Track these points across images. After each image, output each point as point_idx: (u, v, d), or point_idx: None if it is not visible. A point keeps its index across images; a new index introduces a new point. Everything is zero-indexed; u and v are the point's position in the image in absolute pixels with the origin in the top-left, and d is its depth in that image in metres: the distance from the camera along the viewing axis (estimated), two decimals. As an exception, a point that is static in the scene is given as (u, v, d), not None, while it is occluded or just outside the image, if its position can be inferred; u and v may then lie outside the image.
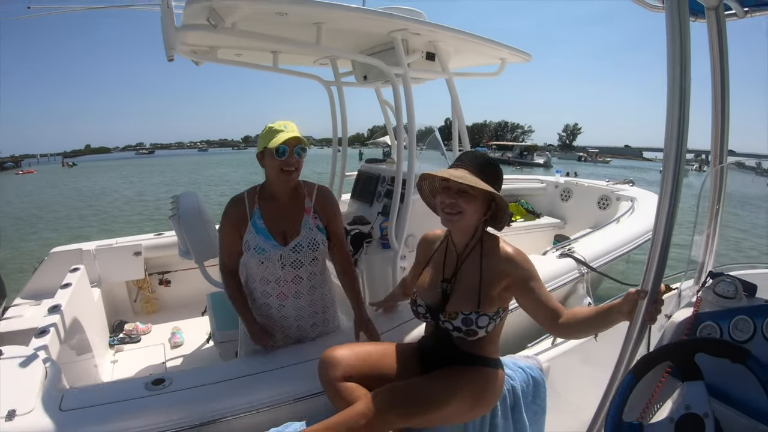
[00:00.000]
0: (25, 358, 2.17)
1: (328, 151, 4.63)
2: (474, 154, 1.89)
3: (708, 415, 1.32)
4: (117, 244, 4.24)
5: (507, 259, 1.80)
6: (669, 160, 1.54)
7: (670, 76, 1.48)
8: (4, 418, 1.78)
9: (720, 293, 1.84)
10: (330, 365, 1.84)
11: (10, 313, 3.28)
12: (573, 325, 1.69)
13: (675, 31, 1.47)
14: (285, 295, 2.29)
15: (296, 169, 2.17)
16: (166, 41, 2.39)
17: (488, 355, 1.91)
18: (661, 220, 1.58)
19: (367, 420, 1.63)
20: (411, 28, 2.81)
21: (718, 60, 2.04)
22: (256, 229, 2.18)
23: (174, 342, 3.88)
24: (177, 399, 1.99)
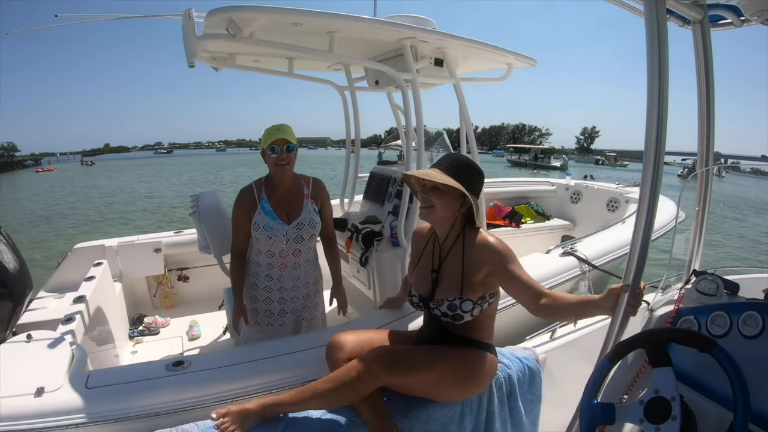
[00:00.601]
0: (52, 341, 2.36)
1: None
2: (451, 156, 2.08)
3: (675, 399, 1.41)
4: (138, 240, 4.40)
5: (485, 247, 1.96)
6: (648, 163, 1.67)
7: (649, 79, 1.62)
8: (33, 395, 1.94)
9: (701, 290, 1.95)
10: (336, 348, 2.06)
11: (34, 305, 3.39)
12: (554, 309, 1.82)
13: (654, 39, 1.60)
14: (285, 266, 2.74)
15: (288, 162, 2.63)
16: (188, 49, 2.51)
17: (480, 339, 2.06)
18: (641, 220, 1.72)
19: (357, 372, 1.83)
20: (419, 36, 2.93)
21: (703, 68, 2.16)
22: (264, 211, 2.63)
23: (191, 334, 4.03)
24: (195, 379, 2.16)
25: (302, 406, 1.88)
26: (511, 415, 2.25)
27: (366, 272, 3.50)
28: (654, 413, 1.44)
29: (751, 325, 1.65)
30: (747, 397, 1.31)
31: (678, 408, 1.40)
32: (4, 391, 1.94)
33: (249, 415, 1.83)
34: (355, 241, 3.57)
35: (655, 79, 1.61)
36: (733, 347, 1.56)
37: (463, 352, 2.01)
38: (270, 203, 2.65)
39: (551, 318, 1.87)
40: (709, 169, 2.27)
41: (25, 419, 1.86)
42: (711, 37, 2.13)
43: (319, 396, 1.86)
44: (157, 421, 1.99)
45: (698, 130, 2.24)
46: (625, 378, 1.85)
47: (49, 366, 2.15)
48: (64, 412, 1.92)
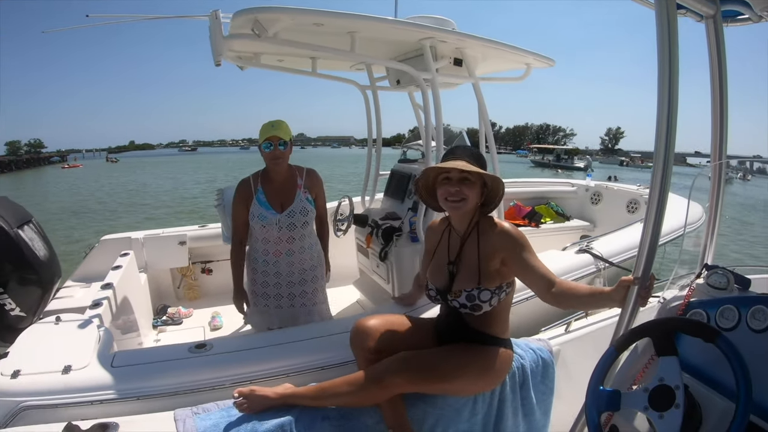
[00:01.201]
0: (81, 323, 2.50)
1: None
2: (464, 147, 2.12)
3: (678, 387, 1.44)
4: (164, 233, 4.53)
5: (500, 234, 2.00)
6: (658, 159, 1.71)
7: (659, 75, 1.65)
8: (61, 371, 2.07)
9: (712, 284, 1.96)
10: (362, 334, 2.10)
11: (61, 294, 3.50)
12: (565, 298, 1.86)
13: (664, 35, 1.63)
14: (280, 252, 2.90)
15: (282, 157, 2.78)
16: (214, 48, 2.60)
17: (497, 335, 2.10)
18: (651, 213, 1.76)
19: (378, 381, 1.87)
20: (438, 36, 2.99)
21: (716, 64, 2.17)
22: (259, 202, 2.81)
23: (213, 325, 4.13)
24: (217, 361, 2.27)
25: (321, 403, 1.94)
26: (523, 404, 2.30)
27: (385, 267, 3.58)
28: (658, 401, 1.46)
29: (760, 319, 1.65)
30: (749, 387, 1.32)
31: (682, 396, 1.43)
32: (34, 368, 2.07)
33: (268, 402, 1.90)
34: (375, 237, 3.64)
35: (666, 74, 1.63)
36: (741, 341, 1.57)
37: (484, 353, 2.05)
38: (265, 194, 2.84)
39: (562, 306, 1.89)
40: (722, 163, 2.27)
41: (52, 394, 1.98)
42: (724, 32, 2.13)
43: (339, 396, 1.91)
44: (179, 399, 2.08)
45: (711, 126, 2.26)
46: (634, 368, 1.88)
47: (77, 346, 2.29)
48: (90, 389, 2.03)
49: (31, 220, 2.96)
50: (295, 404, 1.94)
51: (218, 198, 3.43)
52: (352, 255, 4.50)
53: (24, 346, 2.30)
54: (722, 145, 2.26)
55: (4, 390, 1.95)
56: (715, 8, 2.08)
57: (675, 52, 1.64)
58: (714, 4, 2.08)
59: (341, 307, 4.45)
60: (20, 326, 2.63)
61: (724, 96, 2.20)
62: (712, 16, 2.10)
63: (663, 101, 1.67)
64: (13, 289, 2.65)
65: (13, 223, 2.70)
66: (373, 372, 1.91)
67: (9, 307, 2.64)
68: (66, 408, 1.97)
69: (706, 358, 1.69)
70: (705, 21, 2.13)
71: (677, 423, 1.40)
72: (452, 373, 1.96)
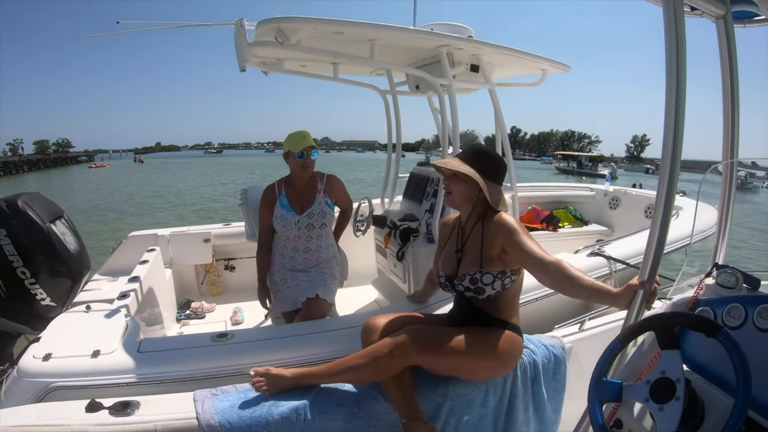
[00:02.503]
0: (109, 312, 2.67)
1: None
2: (472, 146, 2.28)
3: (679, 380, 1.47)
4: (189, 231, 4.68)
5: (498, 223, 2.12)
6: (665, 164, 1.78)
7: (667, 76, 1.71)
8: (90, 356, 2.22)
9: (721, 283, 1.96)
10: (371, 330, 2.22)
11: (89, 287, 3.63)
12: (565, 282, 1.92)
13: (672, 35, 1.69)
14: (296, 249, 3.15)
15: (312, 166, 3.08)
16: (239, 55, 2.71)
17: (506, 319, 2.19)
18: (657, 220, 1.82)
19: (389, 350, 1.96)
20: (454, 44, 3.08)
21: (727, 64, 2.20)
22: (281, 205, 3.08)
23: (235, 320, 4.25)
24: (237, 349, 2.41)
25: (334, 379, 2.04)
26: (534, 399, 2.35)
27: (402, 266, 3.66)
28: (659, 393, 1.50)
29: (766, 318, 1.66)
30: (749, 380, 1.35)
31: (682, 389, 1.46)
32: (64, 352, 2.22)
33: (284, 381, 2.00)
34: (393, 237, 3.73)
35: (673, 76, 1.70)
36: (747, 339, 1.61)
37: (492, 333, 2.13)
38: (287, 198, 3.10)
39: (565, 292, 1.94)
40: (733, 162, 2.31)
41: (81, 376, 2.13)
42: (735, 33, 2.16)
43: (351, 370, 2.00)
44: (200, 384, 2.20)
45: (723, 126, 2.29)
46: (641, 363, 1.93)
47: (106, 333, 2.45)
48: (116, 372, 2.18)
49: (62, 215, 3.10)
50: (311, 384, 2.04)
51: (242, 197, 3.59)
52: (371, 255, 4.59)
53: (55, 332, 2.46)
54: (734, 144, 2.29)
55: (36, 371, 2.10)
56: (725, 8, 2.11)
57: (683, 52, 1.69)
58: (724, 4, 2.11)
59: (359, 306, 4.52)
60: (50, 315, 2.77)
61: (736, 96, 2.23)
62: (722, 17, 2.13)
63: (671, 104, 1.72)
64: (45, 280, 2.77)
65: (45, 218, 2.83)
66: (385, 342, 2.01)
67: (40, 297, 2.76)
68: (93, 389, 2.11)
69: (713, 357, 1.71)
70: (716, 21, 2.16)
71: (677, 415, 1.43)
72: (459, 345, 2.03)
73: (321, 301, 3.02)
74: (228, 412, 1.86)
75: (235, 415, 1.85)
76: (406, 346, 1.96)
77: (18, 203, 2.74)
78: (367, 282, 4.64)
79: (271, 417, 1.87)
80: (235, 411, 1.87)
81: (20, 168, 66.73)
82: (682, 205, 5.08)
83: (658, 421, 1.48)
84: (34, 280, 2.72)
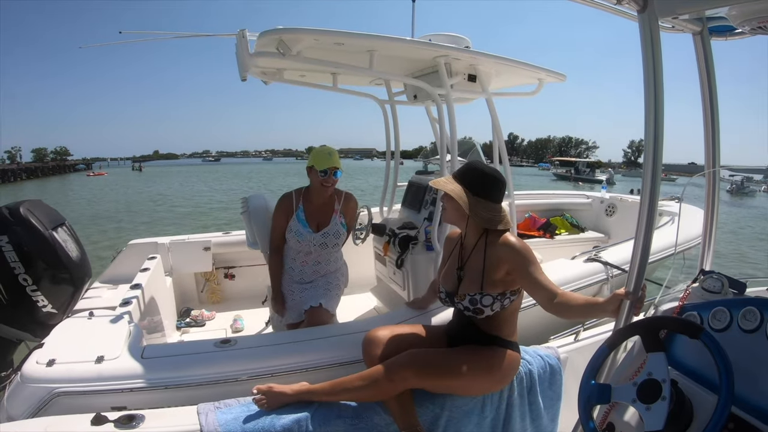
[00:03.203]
0: (112, 318, 2.69)
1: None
2: (467, 164, 2.29)
3: (665, 381, 1.52)
4: (189, 239, 4.69)
5: (505, 246, 2.12)
6: (646, 176, 1.83)
7: (645, 90, 1.77)
8: (94, 361, 2.23)
9: (707, 288, 2.03)
10: (372, 344, 2.26)
11: (89, 294, 3.63)
12: (565, 309, 1.96)
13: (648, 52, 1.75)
14: (307, 263, 3.25)
15: (332, 185, 3.13)
16: (240, 65, 2.73)
17: (503, 336, 2.22)
18: (641, 229, 1.88)
19: (388, 375, 2.00)
20: (452, 54, 3.11)
21: (705, 77, 2.28)
22: (298, 219, 3.13)
23: (235, 327, 4.25)
24: (240, 355, 2.43)
25: (334, 398, 2.07)
26: (531, 409, 2.39)
27: (401, 274, 3.69)
28: (646, 394, 1.55)
29: (750, 319, 1.71)
30: (731, 379, 1.41)
31: (668, 389, 1.51)
32: (68, 358, 2.24)
33: (285, 398, 2.03)
34: (392, 245, 3.74)
35: (651, 89, 1.77)
36: (732, 341, 1.69)
37: (489, 352, 2.17)
38: (305, 213, 3.16)
39: (563, 316, 1.98)
40: (715, 171, 2.38)
41: (86, 382, 2.15)
42: (711, 46, 2.24)
43: (352, 391, 2.05)
44: (204, 390, 2.25)
45: (704, 136, 2.37)
46: (630, 368, 1.97)
47: (109, 338, 2.46)
48: (120, 378, 2.20)
49: (64, 222, 3.13)
50: (311, 400, 2.07)
51: (243, 205, 3.59)
52: (370, 263, 4.60)
53: (59, 337, 2.48)
54: (715, 154, 2.38)
55: (40, 377, 2.12)
56: (701, 25, 2.20)
57: (659, 68, 1.77)
58: (700, 21, 2.19)
59: (359, 313, 4.55)
60: (51, 322, 2.80)
61: (715, 107, 2.32)
62: (698, 33, 2.22)
63: (650, 116, 1.79)
64: (46, 287, 2.79)
65: (48, 225, 2.86)
66: (384, 366, 2.05)
67: (41, 304, 2.78)
68: (97, 395, 2.13)
69: (700, 360, 1.77)
70: (693, 37, 2.24)
71: (663, 414, 1.48)
72: (457, 368, 2.08)
73: (323, 311, 3.05)
74: (231, 425, 1.89)
75: (239, 427, 1.89)
76: (405, 372, 2.02)
77: (20, 210, 2.76)
78: (366, 290, 4.65)
79: (274, 429, 1.91)
80: (239, 423, 1.91)
81: (18, 176, 66.73)
82: (677, 211, 5.10)
83: (645, 420, 1.52)
84: (35, 287, 2.74)
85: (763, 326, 1.68)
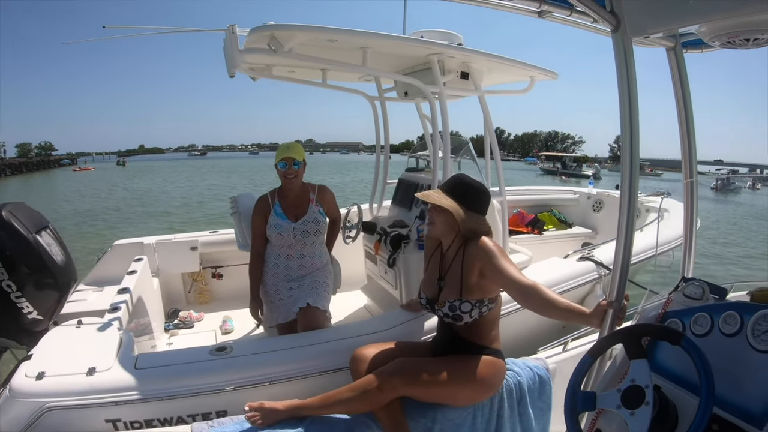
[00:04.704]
0: (101, 326, 2.60)
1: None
2: (455, 177, 2.34)
3: (648, 387, 1.55)
4: (175, 239, 4.62)
5: (477, 248, 2.16)
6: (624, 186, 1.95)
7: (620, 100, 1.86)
8: (86, 373, 2.15)
9: (688, 294, 2.06)
10: (359, 361, 2.28)
11: (74, 297, 3.56)
12: (541, 304, 1.99)
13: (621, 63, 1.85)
14: (291, 256, 3.19)
15: (295, 176, 3.09)
16: (229, 61, 2.67)
17: (486, 344, 2.26)
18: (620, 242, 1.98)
19: (377, 383, 2.02)
20: (446, 52, 3.08)
21: (680, 90, 2.35)
22: (276, 214, 3.12)
23: (224, 329, 4.20)
24: (238, 363, 2.37)
25: (326, 411, 2.07)
26: (521, 420, 2.40)
27: (393, 273, 3.67)
28: (630, 400, 1.58)
29: (731, 323, 1.75)
30: (711, 381, 1.44)
31: (651, 395, 1.54)
32: (58, 370, 2.15)
33: (277, 414, 2.03)
34: (384, 244, 3.72)
35: (626, 101, 1.85)
36: (714, 345, 1.72)
37: (472, 360, 2.20)
38: (281, 207, 3.15)
39: (542, 314, 2.02)
40: (692, 181, 2.44)
41: (78, 395, 2.06)
42: (684, 60, 2.35)
43: (342, 402, 2.05)
44: (201, 400, 2.19)
45: (680, 146, 2.44)
46: (615, 377, 2.00)
47: (100, 348, 2.38)
48: (114, 390, 2.12)
49: (48, 225, 3.02)
50: (304, 415, 2.06)
51: (233, 206, 3.53)
52: (359, 261, 4.58)
53: (47, 348, 2.39)
54: (692, 164, 2.44)
55: (30, 391, 2.03)
56: (674, 41, 2.27)
57: (633, 84, 1.85)
58: (673, 38, 2.26)
59: (349, 312, 4.54)
60: (36, 329, 2.71)
61: (690, 118, 2.38)
62: (672, 48, 2.30)
63: (625, 126, 1.88)
64: (31, 293, 2.69)
65: (31, 229, 2.75)
66: (373, 376, 2.06)
67: (26, 311, 2.67)
68: (90, 409, 2.06)
69: (682, 365, 1.79)
70: (666, 52, 2.33)
71: (647, 419, 1.51)
72: (442, 376, 2.10)
73: (315, 310, 3.01)
74: None
75: None
76: (393, 380, 2.04)
77: (2, 214, 2.66)
78: (356, 288, 4.63)
79: None
80: None
81: (2, 172, 65.38)
82: (666, 207, 5.16)
83: (630, 425, 1.55)
84: (20, 293, 2.64)
85: (743, 330, 1.71)
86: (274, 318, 3.18)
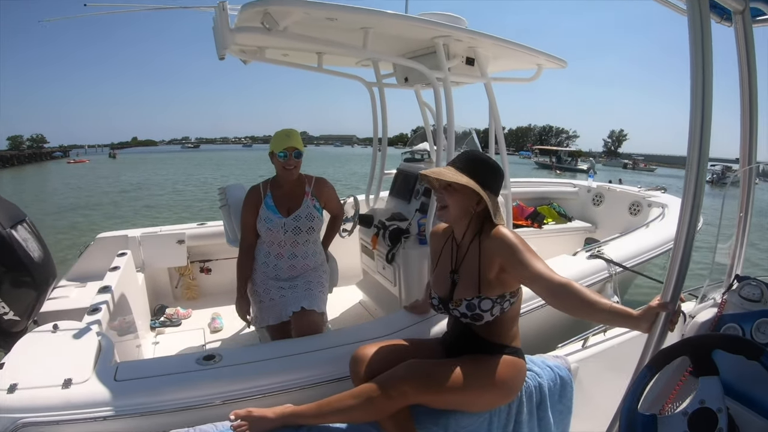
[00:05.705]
0: (79, 331, 2.35)
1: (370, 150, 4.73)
2: (466, 153, 2.06)
3: (722, 410, 1.35)
4: (161, 231, 4.45)
5: (496, 240, 1.92)
6: (691, 172, 1.60)
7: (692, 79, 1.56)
8: (61, 386, 1.91)
9: (745, 296, 1.87)
10: (360, 362, 2.02)
11: (56, 294, 3.42)
12: (575, 305, 1.74)
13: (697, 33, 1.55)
14: (282, 255, 2.95)
15: (295, 167, 2.87)
16: (219, 41, 2.48)
17: (506, 343, 2.03)
18: (682, 233, 1.65)
19: (385, 390, 1.78)
20: (454, 35, 2.90)
21: (745, 63, 2.09)
22: (267, 206, 2.90)
23: (213, 327, 4.03)
24: (228, 373, 2.13)
25: (323, 420, 1.86)
26: (540, 425, 2.19)
27: (392, 269, 3.51)
28: (699, 425, 1.38)
29: None
30: None
31: (725, 420, 1.34)
32: (32, 382, 1.92)
33: (267, 423, 1.83)
34: (382, 238, 3.56)
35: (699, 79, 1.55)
36: None
37: (492, 361, 1.96)
38: (273, 199, 2.93)
39: (573, 314, 1.78)
40: (751, 168, 2.18)
41: (53, 411, 1.84)
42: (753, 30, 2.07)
43: (343, 411, 1.83)
44: (187, 415, 1.97)
45: (740, 130, 2.17)
46: (666, 388, 1.77)
47: (77, 357, 2.14)
48: (92, 405, 1.89)
49: (24, 219, 2.84)
50: (297, 424, 1.86)
51: (222, 197, 3.32)
52: (355, 255, 4.43)
53: (20, 357, 2.14)
54: (752, 150, 2.17)
55: (1, 406, 1.81)
56: (744, 4, 2.01)
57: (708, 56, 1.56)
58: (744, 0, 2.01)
59: (344, 308, 4.41)
60: (13, 330, 2.53)
61: (754, 98, 2.12)
62: (740, 12, 2.04)
63: (696, 108, 1.57)
64: (6, 292, 2.52)
65: (5, 223, 2.58)
66: (379, 381, 1.83)
67: (2, 311, 2.50)
68: (66, 425, 1.85)
69: (742, 376, 1.59)
70: (734, 17, 2.06)
71: None
72: (459, 380, 1.87)
73: (311, 313, 2.78)
74: None
75: None
76: (403, 386, 1.80)
77: (-27, 207, 2.49)
78: (351, 283, 4.48)
79: None
80: None
81: (-7, 165, 64.85)
82: (666, 202, 5.12)
83: None
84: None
85: None
86: (264, 319, 2.96)
